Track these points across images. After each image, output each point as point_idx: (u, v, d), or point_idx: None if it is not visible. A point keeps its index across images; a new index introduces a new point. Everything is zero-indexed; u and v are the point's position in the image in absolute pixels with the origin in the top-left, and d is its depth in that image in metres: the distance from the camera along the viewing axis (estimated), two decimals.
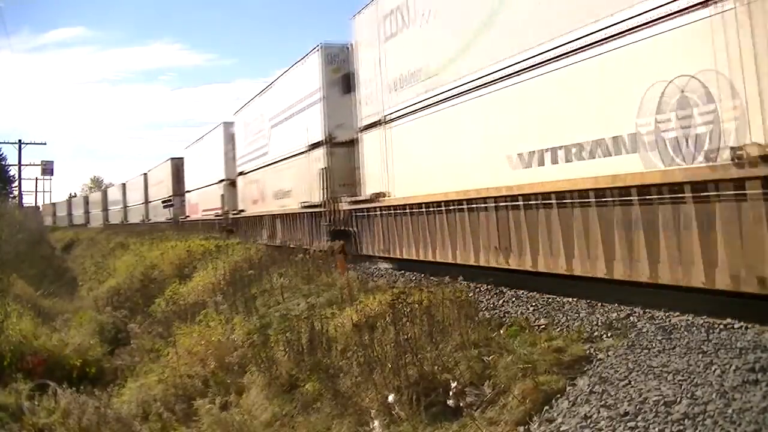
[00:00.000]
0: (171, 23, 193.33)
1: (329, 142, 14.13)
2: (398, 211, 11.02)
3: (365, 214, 12.32)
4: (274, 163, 17.97)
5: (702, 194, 5.40)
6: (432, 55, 9.59)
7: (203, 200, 28.37)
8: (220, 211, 25.00)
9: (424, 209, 10.12)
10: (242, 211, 21.83)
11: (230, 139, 23.62)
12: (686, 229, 5.61)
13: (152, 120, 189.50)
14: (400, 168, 10.88)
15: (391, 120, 11.04)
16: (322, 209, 14.16)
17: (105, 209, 56.64)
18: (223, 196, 24.69)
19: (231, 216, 23.32)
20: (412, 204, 10.45)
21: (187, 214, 31.72)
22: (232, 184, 23.52)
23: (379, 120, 11.42)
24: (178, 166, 33.43)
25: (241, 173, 21.91)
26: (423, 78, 9.88)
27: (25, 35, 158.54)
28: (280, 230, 17.86)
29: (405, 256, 10.83)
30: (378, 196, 11.47)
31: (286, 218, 17.33)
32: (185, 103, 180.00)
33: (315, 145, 14.71)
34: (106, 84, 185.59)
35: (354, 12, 12.36)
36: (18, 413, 8.05)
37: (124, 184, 50.65)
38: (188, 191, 31.41)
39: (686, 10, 5.40)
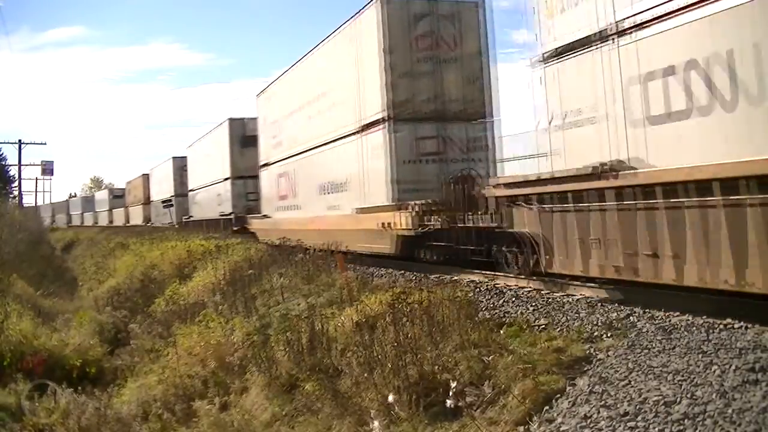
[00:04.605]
0: (170, 22, 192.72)
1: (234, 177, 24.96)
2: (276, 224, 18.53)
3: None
4: (207, 186, 29.00)
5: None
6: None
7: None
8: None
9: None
10: (191, 216, 33.13)
11: (180, 167, 34.67)
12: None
13: (152, 120, 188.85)
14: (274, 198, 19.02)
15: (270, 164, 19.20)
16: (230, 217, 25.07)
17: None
18: (174, 206, 36.14)
19: (183, 219, 34.06)
20: (282, 220, 18.04)
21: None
22: (183, 198, 34.72)
23: (266, 163, 19.58)
24: (148, 179, 43.88)
25: (191, 190, 33.24)
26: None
27: (24, 34, 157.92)
28: (211, 229, 26.70)
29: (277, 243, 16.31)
30: (265, 216, 19.58)
31: (212, 221, 27.73)
32: (185, 103, 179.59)
33: (226, 178, 25.56)
34: (106, 84, 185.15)
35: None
36: (18, 413, 8.05)
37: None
38: (152, 201, 43.45)
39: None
